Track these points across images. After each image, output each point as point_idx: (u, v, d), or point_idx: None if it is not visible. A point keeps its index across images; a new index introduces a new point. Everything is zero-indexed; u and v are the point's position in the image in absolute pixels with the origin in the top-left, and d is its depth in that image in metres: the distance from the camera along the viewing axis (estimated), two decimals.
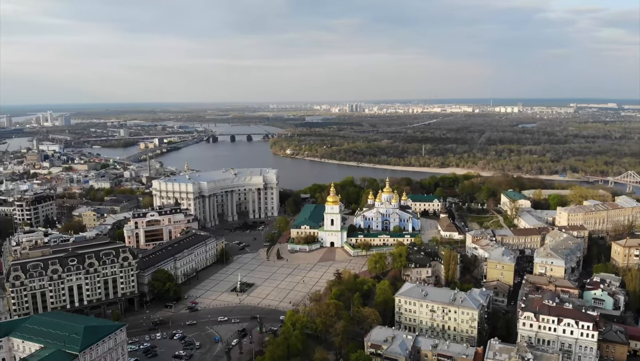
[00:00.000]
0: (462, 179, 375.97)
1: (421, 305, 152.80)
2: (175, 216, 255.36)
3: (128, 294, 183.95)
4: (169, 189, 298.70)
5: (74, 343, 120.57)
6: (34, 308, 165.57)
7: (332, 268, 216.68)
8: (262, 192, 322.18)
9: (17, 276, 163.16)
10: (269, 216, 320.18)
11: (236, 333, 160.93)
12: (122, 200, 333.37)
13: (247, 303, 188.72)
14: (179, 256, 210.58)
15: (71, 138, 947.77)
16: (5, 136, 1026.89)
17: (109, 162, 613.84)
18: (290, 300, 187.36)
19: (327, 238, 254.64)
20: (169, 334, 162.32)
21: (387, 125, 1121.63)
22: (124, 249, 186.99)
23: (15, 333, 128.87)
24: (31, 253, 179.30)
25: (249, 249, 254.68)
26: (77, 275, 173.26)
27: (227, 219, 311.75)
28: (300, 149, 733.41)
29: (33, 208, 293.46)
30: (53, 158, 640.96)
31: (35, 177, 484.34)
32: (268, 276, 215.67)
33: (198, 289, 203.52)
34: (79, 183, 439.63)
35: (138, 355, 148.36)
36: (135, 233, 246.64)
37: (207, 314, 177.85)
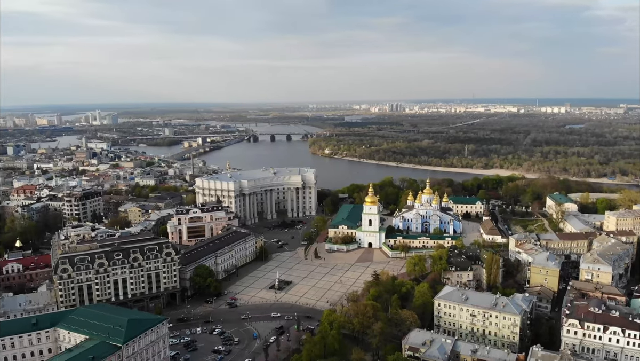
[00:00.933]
0: (506, 181, 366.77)
1: (461, 309, 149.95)
2: (216, 213, 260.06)
3: (170, 289, 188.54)
4: (211, 187, 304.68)
5: (117, 335, 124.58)
6: (80, 300, 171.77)
7: (370, 269, 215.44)
8: (301, 191, 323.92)
9: (65, 269, 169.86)
10: (307, 215, 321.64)
11: (274, 330, 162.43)
12: (166, 197, 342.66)
13: (284, 300, 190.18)
14: (220, 253, 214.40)
15: (118, 137, 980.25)
16: (56, 134, 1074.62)
17: (154, 161, 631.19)
18: (327, 300, 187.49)
19: (365, 239, 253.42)
20: (209, 329, 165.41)
21: (428, 125, 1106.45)
22: (167, 245, 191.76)
23: (61, 324, 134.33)
24: (79, 247, 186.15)
25: (287, 248, 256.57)
26: (122, 269, 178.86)
27: (266, 218, 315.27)
28: (338, 149, 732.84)
29: (81, 203, 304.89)
30: (101, 156, 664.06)
31: (83, 174, 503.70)
32: (306, 275, 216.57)
33: (237, 286, 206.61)
34: (125, 180, 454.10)
35: (178, 348, 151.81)
36: (179, 229, 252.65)
37: (245, 310, 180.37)
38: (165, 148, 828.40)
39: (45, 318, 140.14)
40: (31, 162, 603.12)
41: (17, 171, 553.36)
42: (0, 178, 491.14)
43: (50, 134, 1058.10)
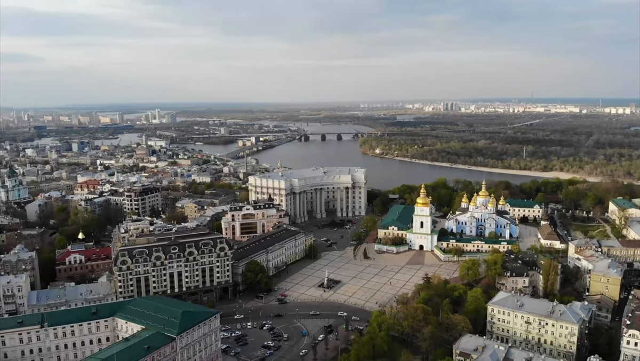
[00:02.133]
0: (567, 184, 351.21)
1: (516, 316, 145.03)
2: (268, 211, 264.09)
3: (223, 283, 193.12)
4: (263, 185, 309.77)
5: (172, 327, 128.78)
6: (137, 291, 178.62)
7: (421, 271, 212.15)
8: (350, 191, 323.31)
9: (124, 261, 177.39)
10: (357, 215, 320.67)
11: (323, 329, 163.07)
12: (220, 194, 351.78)
13: (333, 299, 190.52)
14: (271, 249, 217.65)
15: (176, 135, 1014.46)
16: (118, 131, 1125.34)
17: (210, 158, 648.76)
18: (376, 301, 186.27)
19: (416, 241, 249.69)
20: (259, 324, 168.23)
21: (484, 125, 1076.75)
22: (221, 240, 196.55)
23: (119, 314, 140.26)
24: (137, 240, 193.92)
25: (336, 247, 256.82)
26: (177, 263, 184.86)
27: (316, 216, 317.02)
28: (390, 149, 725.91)
29: (141, 198, 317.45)
30: (160, 153, 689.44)
31: (143, 170, 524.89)
32: (354, 275, 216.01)
33: (287, 282, 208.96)
34: (182, 177, 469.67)
35: (230, 342, 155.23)
36: (232, 225, 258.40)
37: (295, 307, 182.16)
38: (221, 147, 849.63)
39: (105, 307, 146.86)
40: (94, 159, 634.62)
41: (81, 167, 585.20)
42: (65, 173, 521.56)
43: (113, 132, 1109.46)
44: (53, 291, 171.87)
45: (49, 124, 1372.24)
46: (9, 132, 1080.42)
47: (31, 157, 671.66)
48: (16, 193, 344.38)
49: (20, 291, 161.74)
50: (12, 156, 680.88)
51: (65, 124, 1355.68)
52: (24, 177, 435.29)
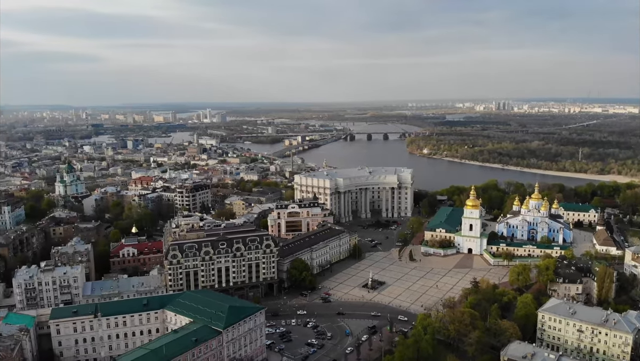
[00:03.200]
0: (625, 188, 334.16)
1: (567, 324, 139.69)
2: (313, 210, 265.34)
3: (268, 280, 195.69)
4: (309, 184, 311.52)
5: (219, 321, 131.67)
6: (187, 285, 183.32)
7: (469, 275, 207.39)
8: (396, 191, 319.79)
9: (174, 255, 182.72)
10: (402, 216, 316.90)
11: (366, 329, 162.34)
12: (267, 192, 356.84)
13: (377, 300, 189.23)
14: (316, 248, 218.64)
15: (226, 134, 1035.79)
16: (171, 130, 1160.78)
17: (258, 157, 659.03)
18: (422, 303, 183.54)
19: (465, 244, 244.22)
20: (303, 321, 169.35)
21: (538, 125, 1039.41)
22: (267, 237, 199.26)
23: (169, 307, 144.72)
24: (188, 235, 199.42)
25: (381, 248, 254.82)
26: (225, 258, 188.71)
27: (361, 216, 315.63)
28: (438, 149, 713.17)
29: (191, 195, 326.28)
30: (210, 151, 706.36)
31: (194, 167, 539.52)
32: (400, 277, 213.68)
33: (331, 281, 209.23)
34: (231, 175, 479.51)
35: (274, 338, 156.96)
36: (278, 223, 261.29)
37: (338, 306, 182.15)
38: (268, 146, 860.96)
39: (155, 299, 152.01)
40: (148, 156, 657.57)
41: (135, 164, 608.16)
42: (120, 170, 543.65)
43: (166, 130, 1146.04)
44: (107, 283, 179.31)
45: (106, 122, 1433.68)
46: (68, 130, 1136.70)
47: (88, 153, 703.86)
48: (74, 187, 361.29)
49: (76, 282, 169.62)
50: (71, 152, 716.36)
51: (121, 123, 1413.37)
52: (82, 173, 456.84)
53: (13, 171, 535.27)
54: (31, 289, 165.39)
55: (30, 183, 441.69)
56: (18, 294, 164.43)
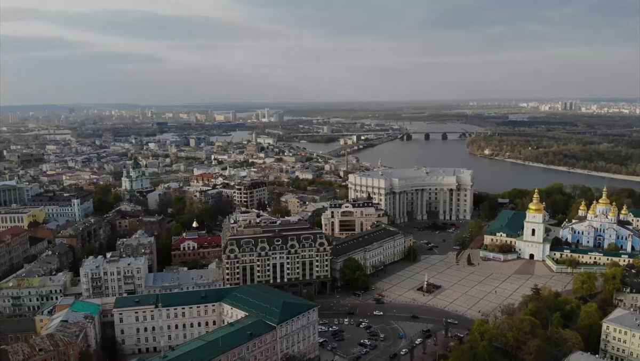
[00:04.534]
0: None
1: (634, 335, 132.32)
2: (367, 210, 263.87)
3: (321, 278, 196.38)
4: (363, 184, 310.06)
5: (273, 316, 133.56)
6: (243, 279, 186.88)
7: (530, 282, 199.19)
8: (455, 193, 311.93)
9: (232, 250, 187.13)
10: (461, 218, 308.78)
11: (421, 333, 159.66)
12: (321, 191, 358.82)
13: (432, 304, 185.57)
14: (369, 248, 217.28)
15: (283, 133, 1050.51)
16: (231, 129, 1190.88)
17: (313, 156, 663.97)
18: (479, 309, 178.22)
19: (526, 249, 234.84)
20: (356, 321, 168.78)
21: (607, 126, 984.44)
22: (321, 236, 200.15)
23: (226, 300, 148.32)
24: (245, 231, 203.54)
25: (437, 251, 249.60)
26: (280, 254, 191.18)
27: (416, 218, 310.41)
28: (500, 150, 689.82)
29: (249, 192, 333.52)
30: (267, 150, 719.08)
31: (252, 165, 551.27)
32: (456, 281, 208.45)
33: (385, 283, 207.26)
34: (287, 173, 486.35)
35: (327, 336, 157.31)
36: (331, 222, 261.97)
37: (392, 308, 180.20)
38: (323, 145, 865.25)
39: (213, 292, 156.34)
40: (209, 154, 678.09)
41: (197, 161, 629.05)
42: (183, 166, 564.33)
43: (226, 129, 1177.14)
44: (168, 275, 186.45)
45: (170, 120, 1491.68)
46: (134, 127, 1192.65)
47: (153, 150, 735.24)
48: (139, 182, 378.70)
49: (139, 272, 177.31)
50: (137, 149, 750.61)
51: (184, 121, 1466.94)
52: (147, 169, 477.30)
53: (83, 166, 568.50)
54: (97, 279, 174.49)
55: (99, 178, 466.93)
56: (84, 283, 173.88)
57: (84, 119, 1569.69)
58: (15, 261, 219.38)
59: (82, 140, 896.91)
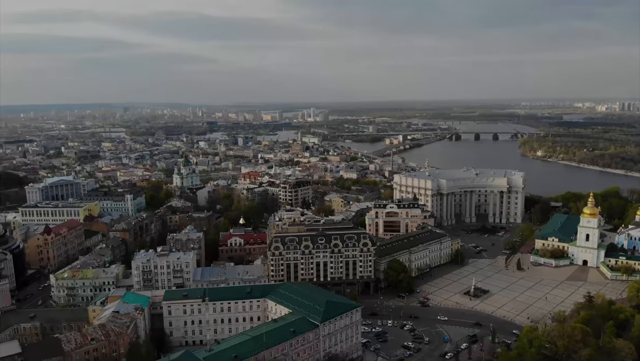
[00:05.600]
0: None
1: None
2: (412, 211, 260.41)
3: (365, 278, 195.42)
4: (409, 184, 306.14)
5: (316, 314, 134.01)
6: (287, 276, 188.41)
7: (582, 289, 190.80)
8: (505, 195, 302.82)
9: (277, 247, 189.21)
10: (511, 222, 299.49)
11: (466, 337, 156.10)
12: (365, 190, 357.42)
13: (479, 309, 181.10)
14: (414, 250, 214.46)
15: (328, 132, 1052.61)
16: (277, 128, 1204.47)
17: (357, 156, 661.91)
18: (528, 315, 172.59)
19: (579, 255, 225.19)
20: (400, 323, 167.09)
21: None
22: (365, 236, 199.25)
23: (270, 296, 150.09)
24: (289, 229, 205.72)
25: (486, 255, 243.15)
26: (323, 253, 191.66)
27: (464, 220, 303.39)
28: (554, 151, 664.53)
29: (294, 190, 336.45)
30: (312, 149, 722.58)
31: (297, 164, 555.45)
32: (505, 286, 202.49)
33: (430, 286, 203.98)
34: (331, 172, 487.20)
35: (370, 337, 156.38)
36: (375, 222, 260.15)
37: (437, 312, 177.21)
38: (368, 144, 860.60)
39: (258, 288, 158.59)
40: (256, 152, 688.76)
41: (244, 159, 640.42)
42: (231, 164, 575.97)
43: (272, 129, 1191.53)
44: (215, 270, 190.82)
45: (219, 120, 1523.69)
46: (185, 126, 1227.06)
47: (203, 149, 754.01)
48: (189, 179, 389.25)
49: (188, 267, 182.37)
50: (188, 147, 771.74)
51: (232, 121, 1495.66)
52: (197, 167, 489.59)
53: (136, 163, 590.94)
54: (147, 272, 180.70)
55: (151, 175, 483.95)
56: (136, 276, 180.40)
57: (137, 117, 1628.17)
58: (71, 253, 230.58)
59: (136, 138, 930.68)
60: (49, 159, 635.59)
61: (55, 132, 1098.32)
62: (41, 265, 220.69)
